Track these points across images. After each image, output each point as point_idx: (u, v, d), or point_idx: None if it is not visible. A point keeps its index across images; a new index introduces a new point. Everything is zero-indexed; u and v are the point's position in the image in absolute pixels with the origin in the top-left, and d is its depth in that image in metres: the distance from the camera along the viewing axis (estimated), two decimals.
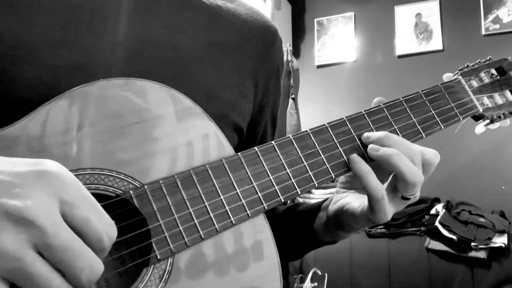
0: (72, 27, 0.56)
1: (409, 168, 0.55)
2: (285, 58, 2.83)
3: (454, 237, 2.69)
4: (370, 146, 0.58)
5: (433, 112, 0.65)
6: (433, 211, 2.93)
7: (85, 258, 0.38)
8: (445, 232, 2.72)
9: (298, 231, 0.69)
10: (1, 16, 0.53)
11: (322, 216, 0.66)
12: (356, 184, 0.64)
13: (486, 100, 0.70)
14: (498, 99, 0.71)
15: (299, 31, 3.91)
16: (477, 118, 0.70)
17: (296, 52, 3.81)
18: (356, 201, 0.61)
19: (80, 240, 0.38)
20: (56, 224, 0.37)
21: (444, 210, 2.85)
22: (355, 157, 0.57)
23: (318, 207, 0.68)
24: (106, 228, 0.40)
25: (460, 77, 0.70)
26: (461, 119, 0.67)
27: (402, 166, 0.55)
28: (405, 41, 3.56)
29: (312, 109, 3.64)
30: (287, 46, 2.97)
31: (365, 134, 0.60)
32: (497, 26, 3.32)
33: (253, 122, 0.71)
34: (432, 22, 3.50)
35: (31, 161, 0.39)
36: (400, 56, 3.57)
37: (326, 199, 0.68)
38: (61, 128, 0.48)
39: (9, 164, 0.38)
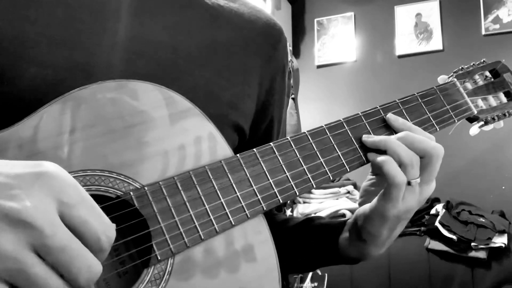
0: (73, 26, 0.56)
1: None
2: None
3: (454, 237, 2.69)
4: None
5: (428, 114, 0.65)
6: (433, 211, 2.92)
7: (83, 258, 0.38)
8: (445, 232, 2.72)
9: (320, 244, 0.68)
10: (1, 14, 0.53)
11: (346, 231, 0.66)
12: (372, 198, 0.65)
13: (480, 102, 0.71)
14: (492, 101, 0.72)
15: (299, 31, 3.91)
16: (472, 120, 0.71)
17: (296, 52, 3.80)
18: (367, 204, 0.62)
19: (78, 240, 0.38)
20: (54, 224, 0.37)
21: (444, 210, 2.85)
22: (380, 158, 0.58)
23: (343, 222, 0.68)
24: (104, 229, 0.40)
25: (455, 79, 0.70)
26: (456, 121, 0.68)
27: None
28: (405, 41, 3.56)
29: (312, 109, 3.64)
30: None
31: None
32: (497, 26, 3.32)
33: (256, 121, 0.71)
34: (432, 22, 3.50)
35: (30, 163, 0.39)
36: (400, 56, 3.57)
37: (349, 218, 0.68)
38: (54, 132, 0.48)
39: (8, 166, 0.38)
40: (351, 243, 0.65)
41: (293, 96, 2.89)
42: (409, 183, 0.58)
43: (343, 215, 2.90)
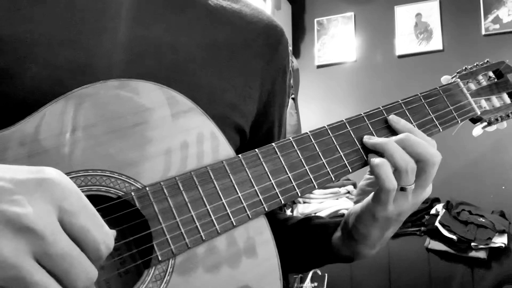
0: (74, 26, 0.56)
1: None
2: None
3: (454, 237, 2.69)
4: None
5: (432, 115, 0.65)
6: (433, 211, 2.93)
7: (82, 266, 0.38)
8: (445, 232, 2.73)
9: (314, 243, 0.68)
10: (3, 13, 0.53)
11: (339, 230, 0.67)
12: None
13: (484, 103, 0.70)
14: (496, 101, 0.71)
15: (299, 31, 3.91)
16: (475, 120, 0.71)
17: (296, 52, 3.80)
18: (359, 204, 0.62)
19: (77, 248, 0.38)
20: (55, 232, 0.37)
21: (444, 210, 2.85)
22: (376, 160, 0.57)
23: (338, 222, 0.68)
24: (104, 238, 0.40)
25: (459, 79, 0.70)
26: (459, 121, 0.67)
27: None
28: (405, 41, 3.56)
29: (312, 109, 3.64)
30: None
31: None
32: (497, 26, 3.32)
33: (257, 123, 0.71)
34: (432, 22, 3.50)
35: (32, 169, 0.39)
36: (400, 56, 3.57)
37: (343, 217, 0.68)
38: (56, 131, 0.48)
39: (10, 172, 0.38)
40: (343, 242, 0.65)
41: (293, 96, 2.89)
42: (403, 189, 0.57)
43: (343, 215, 2.89)
